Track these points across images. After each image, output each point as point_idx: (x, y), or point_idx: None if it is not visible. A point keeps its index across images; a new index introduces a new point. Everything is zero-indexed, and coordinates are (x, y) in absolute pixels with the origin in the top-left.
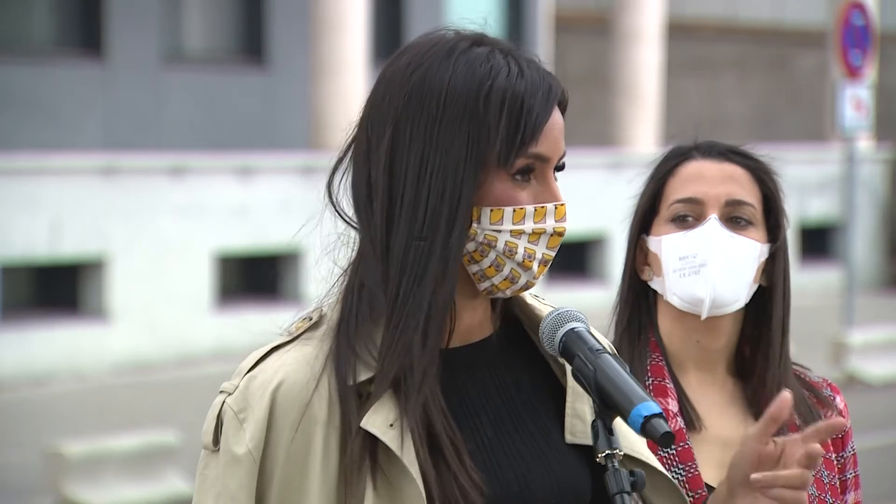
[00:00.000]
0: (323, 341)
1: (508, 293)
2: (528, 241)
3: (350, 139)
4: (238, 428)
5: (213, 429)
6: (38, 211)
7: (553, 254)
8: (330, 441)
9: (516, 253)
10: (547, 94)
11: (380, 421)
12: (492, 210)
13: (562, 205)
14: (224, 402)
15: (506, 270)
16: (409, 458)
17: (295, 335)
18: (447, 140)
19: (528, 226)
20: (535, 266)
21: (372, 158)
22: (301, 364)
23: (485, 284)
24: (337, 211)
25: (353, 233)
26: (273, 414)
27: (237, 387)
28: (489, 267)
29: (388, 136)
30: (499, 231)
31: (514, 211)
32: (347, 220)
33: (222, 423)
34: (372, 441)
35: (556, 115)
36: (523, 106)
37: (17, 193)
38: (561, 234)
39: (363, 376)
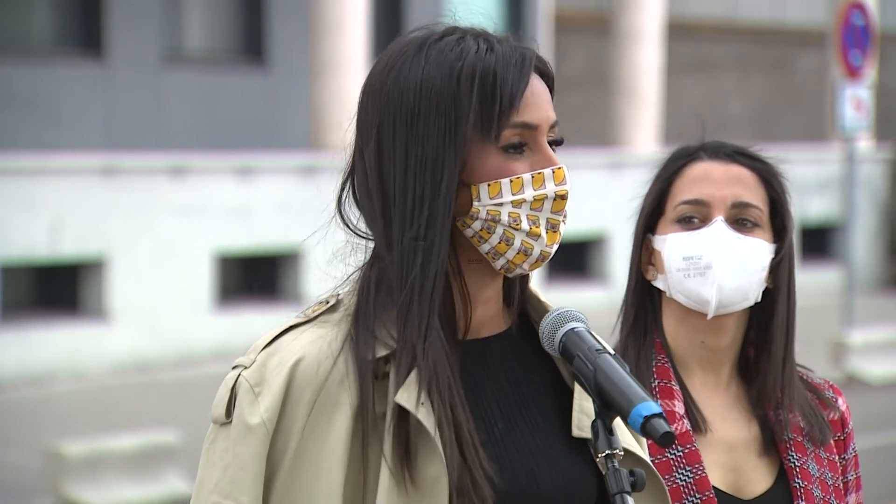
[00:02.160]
0: (340, 324)
1: (526, 267)
2: (531, 209)
3: (350, 150)
4: (253, 400)
5: (226, 401)
6: (38, 211)
7: (560, 218)
8: (344, 419)
9: (521, 222)
10: (521, 62)
11: (412, 398)
12: (489, 185)
13: (559, 168)
14: (240, 374)
15: (517, 243)
16: (436, 440)
17: (311, 317)
18: (427, 129)
19: (529, 193)
20: (543, 233)
21: (365, 163)
22: (319, 343)
23: (500, 262)
24: (344, 221)
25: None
26: (290, 389)
27: (254, 361)
28: (500, 243)
29: (373, 139)
30: (500, 204)
31: (512, 181)
32: (353, 229)
33: (236, 396)
34: (402, 416)
35: (536, 83)
36: (496, 77)
37: (17, 193)
38: (564, 197)
39: (381, 353)
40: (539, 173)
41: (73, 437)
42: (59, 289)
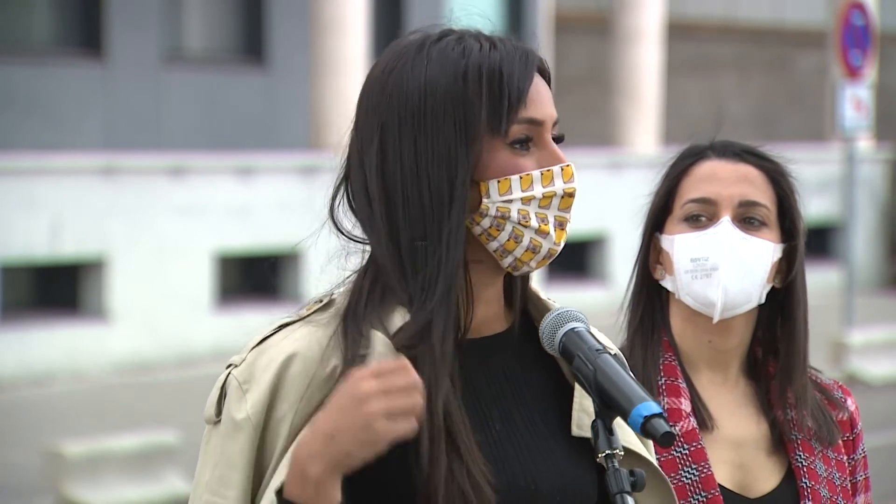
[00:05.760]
0: (331, 322)
1: (534, 265)
2: (540, 207)
3: (344, 157)
4: (241, 397)
5: (216, 400)
6: (38, 211)
7: (568, 216)
8: None
9: (531, 219)
10: (524, 59)
11: None
12: (499, 181)
13: (568, 166)
14: (229, 373)
15: (525, 241)
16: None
17: (303, 316)
18: (436, 127)
19: (538, 190)
20: (552, 230)
21: (365, 165)
22: (310, 340)
23: (507, 260)
24: (337, 227)
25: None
26: (279, 385)
27: (244, 359)
28: (508, 240)
29: (376, 139)
30: (510, 201)
31: (521, 178)
32: (347, 235)
33: (226, 394)
34: None
35: (539, 80)
36: (502, 73)
37: (17, 193)
38: (572, 195)
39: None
40: (548, 170)
41: (73, 437)
42: (59, 289)
